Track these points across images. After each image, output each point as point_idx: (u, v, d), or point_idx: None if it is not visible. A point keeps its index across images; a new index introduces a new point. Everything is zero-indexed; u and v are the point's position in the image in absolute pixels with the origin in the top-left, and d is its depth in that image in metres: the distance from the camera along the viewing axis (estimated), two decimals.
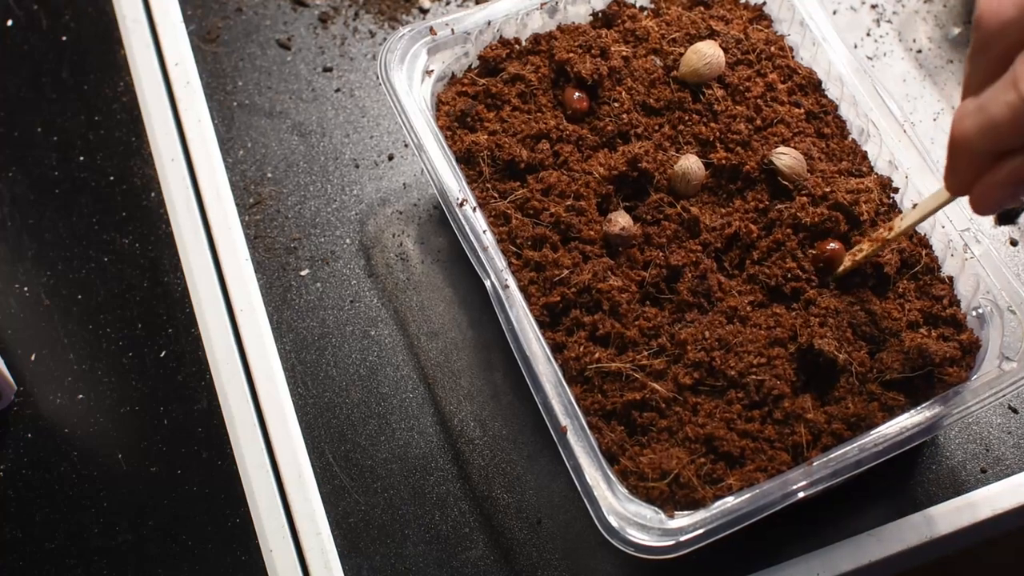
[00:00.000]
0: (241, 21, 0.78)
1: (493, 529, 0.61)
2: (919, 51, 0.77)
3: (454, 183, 0.61)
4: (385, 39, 0.77)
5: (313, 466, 0.62)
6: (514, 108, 0.65)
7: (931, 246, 0.62)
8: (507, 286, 0.58)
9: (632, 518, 0.52)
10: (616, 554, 0.60)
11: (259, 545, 0.61)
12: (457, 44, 0.67)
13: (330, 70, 0.76)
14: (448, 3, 0.78)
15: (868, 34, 0.77)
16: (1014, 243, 0.69)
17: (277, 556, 0.60)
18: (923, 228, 0.62)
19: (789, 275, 0.60)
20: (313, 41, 0.77)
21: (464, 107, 0.65)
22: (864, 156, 0.65)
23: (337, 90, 0.75)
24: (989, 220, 0.69)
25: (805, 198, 0.61)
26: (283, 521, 0.61)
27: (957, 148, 0.49)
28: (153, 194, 0.71)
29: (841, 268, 0.60)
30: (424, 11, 0.78)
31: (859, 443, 0.54)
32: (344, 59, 0.76)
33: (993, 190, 0.48)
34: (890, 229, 0.59)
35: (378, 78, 0.74)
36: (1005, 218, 0.70)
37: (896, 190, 0.63)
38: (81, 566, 0.60)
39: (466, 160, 0.63)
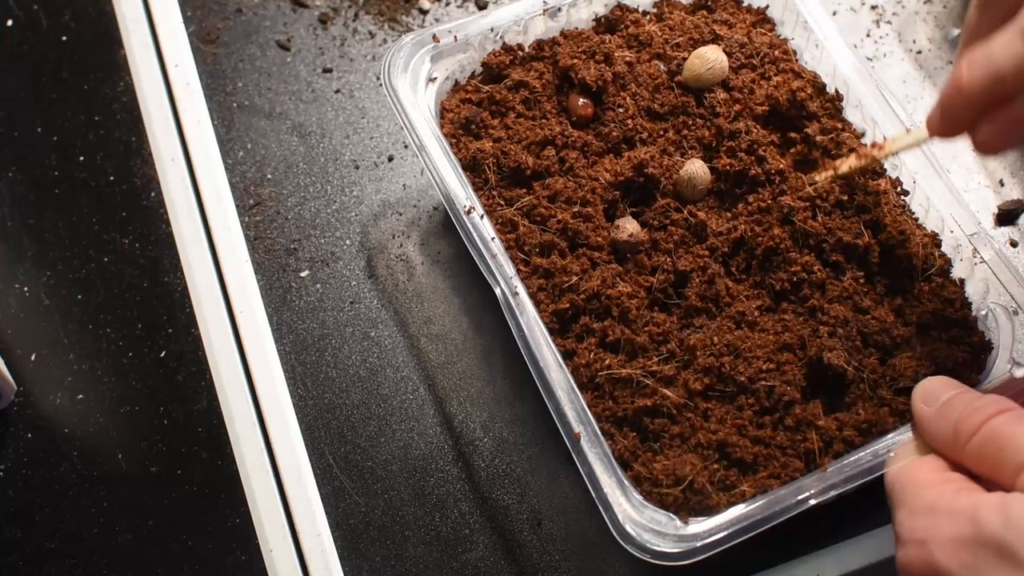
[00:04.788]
0: (241, 22, 0.78)
1: (493, 531, 0.61)
2: (919, 52, 0.77)
3: (460, 191, 0.61)
4: (385, 40, 0.77)
5: (313, 467, 0.62)
6: (519, 115, 0.65)
7: (942, 247, 0.62)
8: (517, 293, 0.58)
9: (648, 524, 0.52)
10: (617, 555, 0.60)
11: (259, 545, 0.61)
12: (460, 51, 0.66)
13: (330, 71, 0.76)
14: (448, 4, 0.78)
15: (868, 35, 0.77)
16: (1014, 244, 0.69)
17: (277, 556, 0.60)
18: (933, 229, 0.62)
19: (796, 278, 0.60)
20: (313, 42, 0.77)
21: (468, 114, 0.65)
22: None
23: (337, 91, 0.75)
24: (1002, 231, 0.69)
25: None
26: (283, 521, 0.61)
27: (957, 93, 0.50)
28: (153, 194, 0.71)
29: (821, 177, 0.60)
30: (424, 12, 0.78)
31: (872, 449, 0.54)
32: (344, 60, 0.76)
33: (1004, 129, 0.50)
34: (880, 148, 0.60)
35: (378, 79, 0.75)
36: (1005, 218, 0.70)
37: (906, 192, 0.63)
38: (81, 566, 0.60)
39: (471, 167, 0.63)
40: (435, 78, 0.66)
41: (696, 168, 0.62)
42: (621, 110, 0.64)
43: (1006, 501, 0.44)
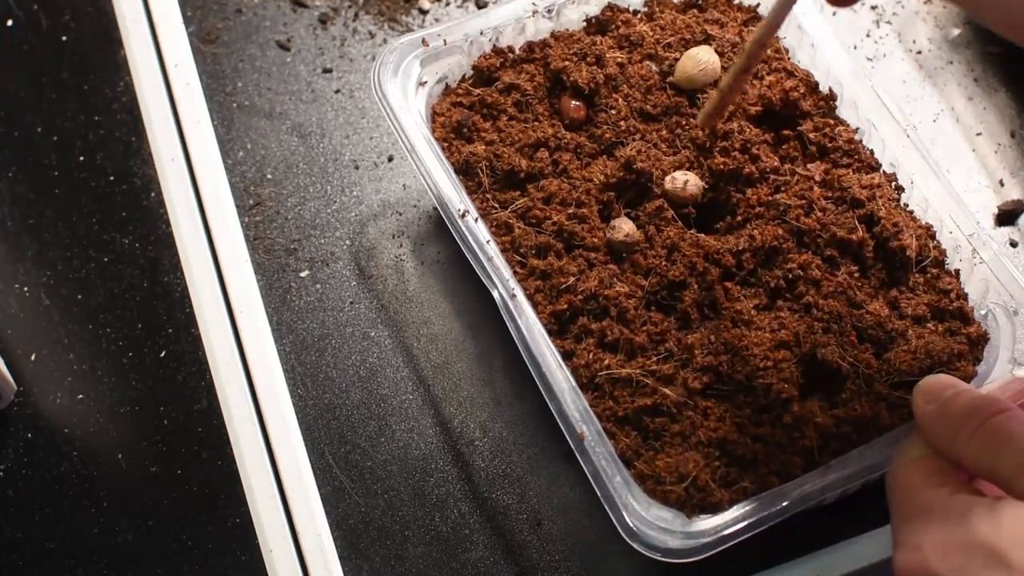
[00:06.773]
0: (241, 22, 0.78)
1: (493, 530, 0.61)
2: (919, 52, 0.77)
3: (454, 194, 0.61)
4: (385, 40, 0.77)
5: (313, 467, 0.62)
6: (511, 118, 0.65)
7: (937, 238, 0.62)
8: (515, 295, 0.58)
9: (654, 522, 0.52)
10: (616, 555, 0.60)
11: (259, 545, 0.61)
12: (450, 55, 0.66)
13: (330, 71, 0.76)
14: (448, 4, 0.78)
15: (868, 35, 0.77)
16: (1014, 244, 0.69)
17: (277, 557, 0.60)
18: (930, 222, 0.62)
19: (791, 275, 0.60)
20: (313, 42, 0.77)
21: (460, 118, 0.65)
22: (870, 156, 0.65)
23: (337, 91, 0.75)
24: (1001, 231, 0.70)
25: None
26: (283, 522, 0.61)
27: None
28: (153, 194, 0.71)
29: (703, 113, 0.60)
30: (424, 12, 0.78)
31: (876, 445, 0.55)
32: (344, 60, 0.76)
33: None
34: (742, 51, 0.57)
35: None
36: (1005, 218, 0.70)
37: (901, 189, 0.63)
38: (81, 566, 0.60)
39: (464, 171, 0.63)
40: (425, 82, 0.66)
41: (690, 180, 0.62)
42: (614, 112, 0.64)
43: (997, 506, 0.44)
